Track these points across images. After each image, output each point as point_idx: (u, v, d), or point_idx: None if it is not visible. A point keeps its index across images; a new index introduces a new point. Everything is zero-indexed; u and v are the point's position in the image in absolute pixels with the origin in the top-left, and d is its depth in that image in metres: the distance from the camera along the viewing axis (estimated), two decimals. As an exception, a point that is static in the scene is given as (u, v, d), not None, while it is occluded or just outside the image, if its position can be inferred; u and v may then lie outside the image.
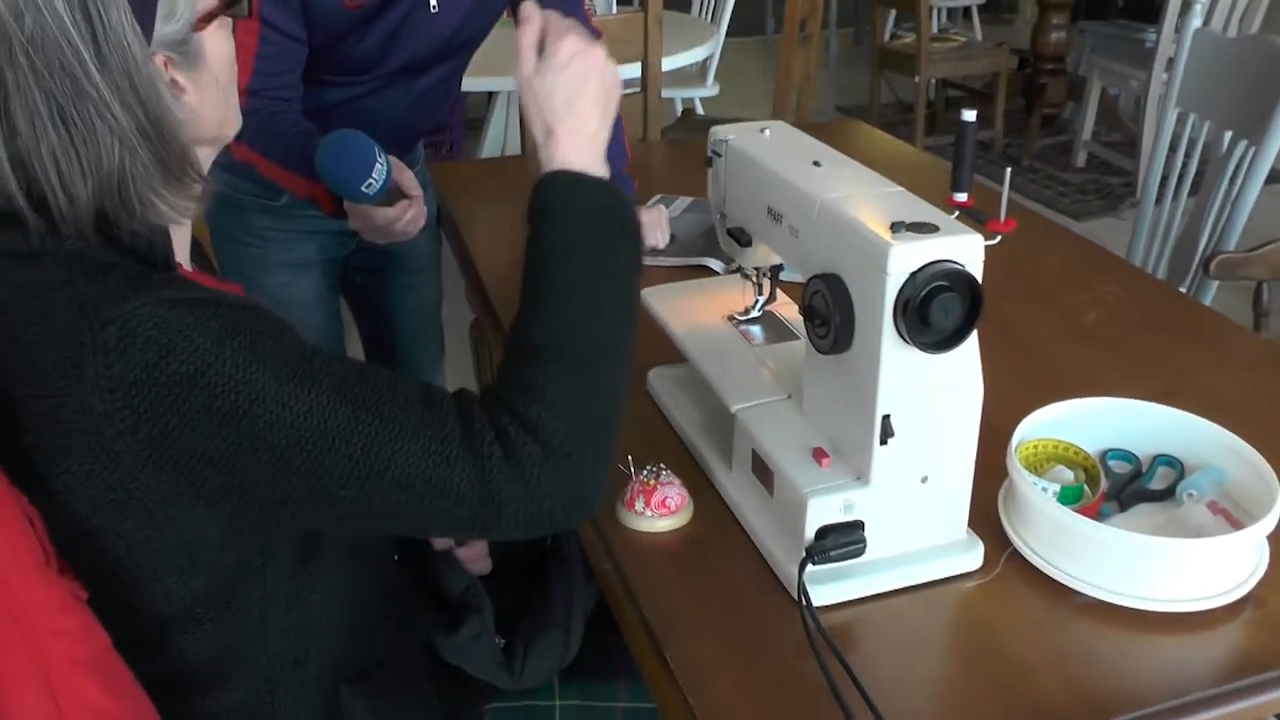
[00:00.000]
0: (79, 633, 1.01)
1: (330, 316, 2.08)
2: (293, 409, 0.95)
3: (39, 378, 0.97)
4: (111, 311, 0.95)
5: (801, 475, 1.11)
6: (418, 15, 1.76)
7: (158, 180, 1.02)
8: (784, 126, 1.34)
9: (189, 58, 1.05)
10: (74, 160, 0.97)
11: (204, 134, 1.10)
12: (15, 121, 0.95)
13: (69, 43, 0.94)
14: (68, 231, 0.99)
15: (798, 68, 3.62)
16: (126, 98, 0.97)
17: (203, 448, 0.95)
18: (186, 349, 0.94)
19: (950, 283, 1.01)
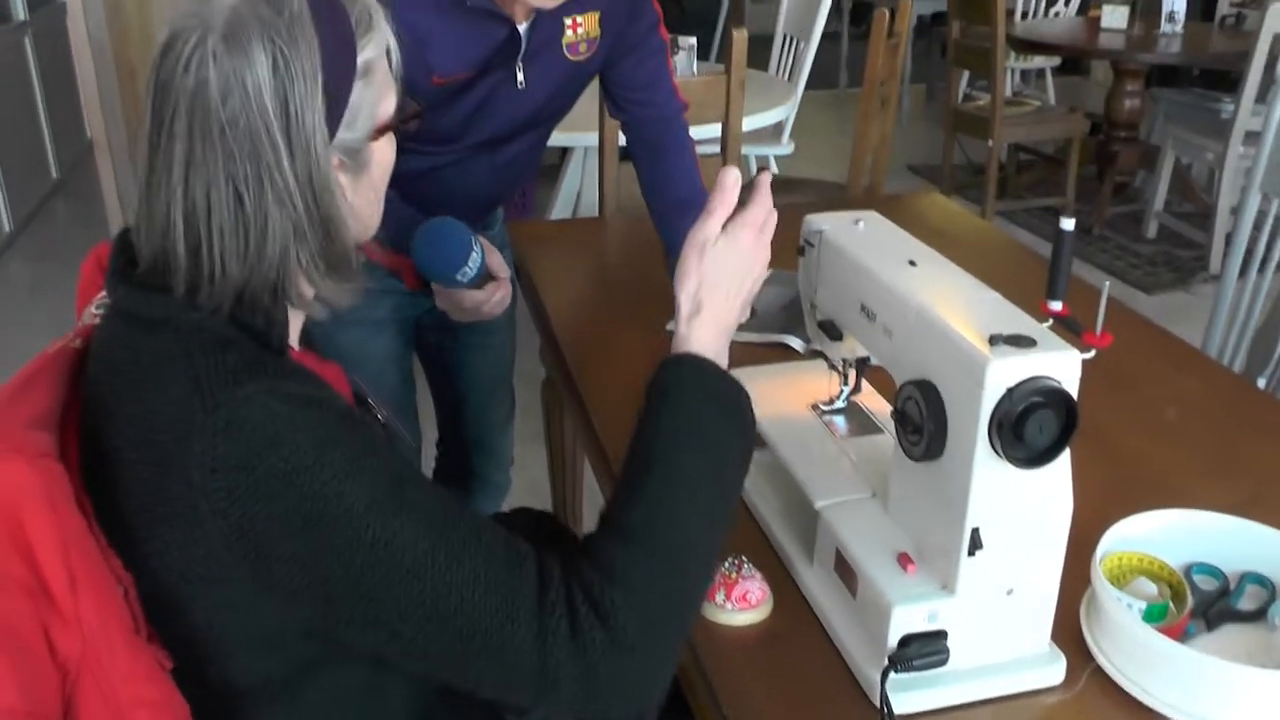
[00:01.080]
0: (160, 702, 1.03)
1: (404, 375, 2.09)
2: (375, 532, 0.96)
3: (147, 443, 1.00)
4: (224, 394, 0.97)
5: (886, 581, 1.10)
6: (504, 91, 1.79)
7: (318, 271, 1.07)
8: (877, 218, 1.34)
9: (358, 164, 1.11)
10: (239, 238, 1.02)
11: (353, 234, 1.14)
12: (193, 188, 1.00)
13: (266, 131, 0.99)
14: (204, 302, 1.03)
15: (874, 131, 3.62)
16: (305, 191, 1.02)
17: (282, 546, 0.96)
18: (289, 446, 0.97)
19: (1046, 400, 1.00)
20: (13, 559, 0.96)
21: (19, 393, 1.06)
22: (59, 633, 0.98)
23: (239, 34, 0.98)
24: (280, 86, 0.99)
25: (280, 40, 0.99)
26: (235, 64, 0.98)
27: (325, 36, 1.03)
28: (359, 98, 1.07)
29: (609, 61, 1.91)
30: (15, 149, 5.26)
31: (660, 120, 2.01)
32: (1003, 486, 1.04)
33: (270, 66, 0.98)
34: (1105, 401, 1.69)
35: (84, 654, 0.98)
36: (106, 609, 1.00)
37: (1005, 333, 1.03)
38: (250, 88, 0.98)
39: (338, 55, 1.04)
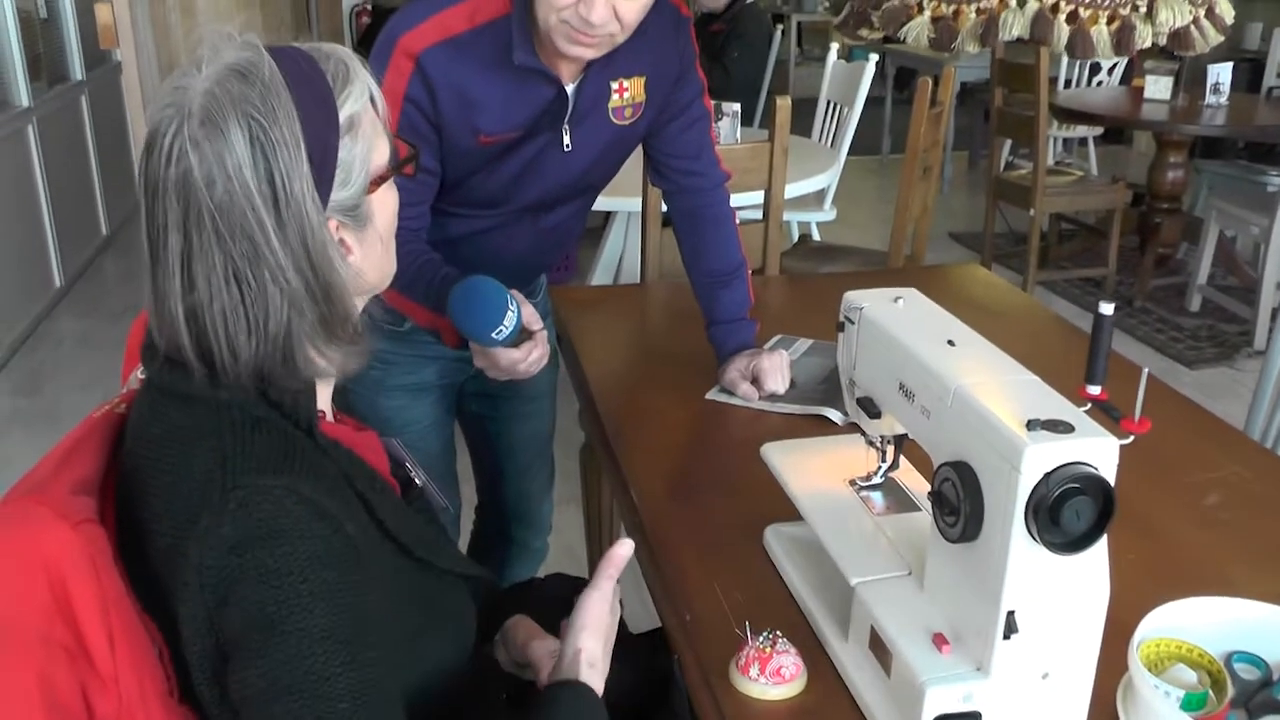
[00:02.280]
0: None
1: (445, 441, 2.11)
2: (315, 664, 0.97)
3: (167, 514, 1.02)
4: (246, 479, 0.99)
5: (921, 661, 1.10)
6: (551, 154, 1.81)
7: (321, 340, 1.07)
8: (917, 296, 1.35)
9: (359, 220, 1.11)
10: (242, 318, 1.02)
11: (364, 288, 1.15)
12: (195, 278, 1.01)
13: (253, 209, 0.99)
14: (227, 383, 1.04)
15: (916, 199, 3.64)
16: (300, 262, 1.02)
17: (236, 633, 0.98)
18: (285, 548, 0.98)
19: (1083, 486, 1.00)
20: (56, 622, 0.98)
21: (66, 458, 1.08)
22: (97, 694, 1.00)
23: (214, 116, 0.99)
24: (262, 160, 0.99)
25: (255, 113, 0.99)
26: (215, 147, 0.99)
27: (302, 99, 1.03)
28: (348, 154, 1.07)
29: (653, 128, 1.94)
30: (69, 205, 5.38)
31: (702, 190, 2.03)
32: (1039, 571, 1.04)
33: (248, 142, 0.99)
34: (1144, 484, 1.68)
35: (120, 714, 1.00)
36: (142, 669, 1.02)
37: (1043, 417, 1.03)
38: (231, 168, 0.98)
39: (317, 116, 1.04)
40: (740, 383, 1.91)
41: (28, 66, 4.98)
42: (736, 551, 1.48)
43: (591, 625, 1.21)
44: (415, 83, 1.67)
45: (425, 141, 1.71)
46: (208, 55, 1.03)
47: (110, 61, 5.88)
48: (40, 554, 0.98)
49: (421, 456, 2.06)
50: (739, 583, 1.42)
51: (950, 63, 5.94)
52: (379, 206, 1.14)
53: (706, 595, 1.39)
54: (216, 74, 1.01)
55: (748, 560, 1.47)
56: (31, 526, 0.99)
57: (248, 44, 1.05)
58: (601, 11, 1.56)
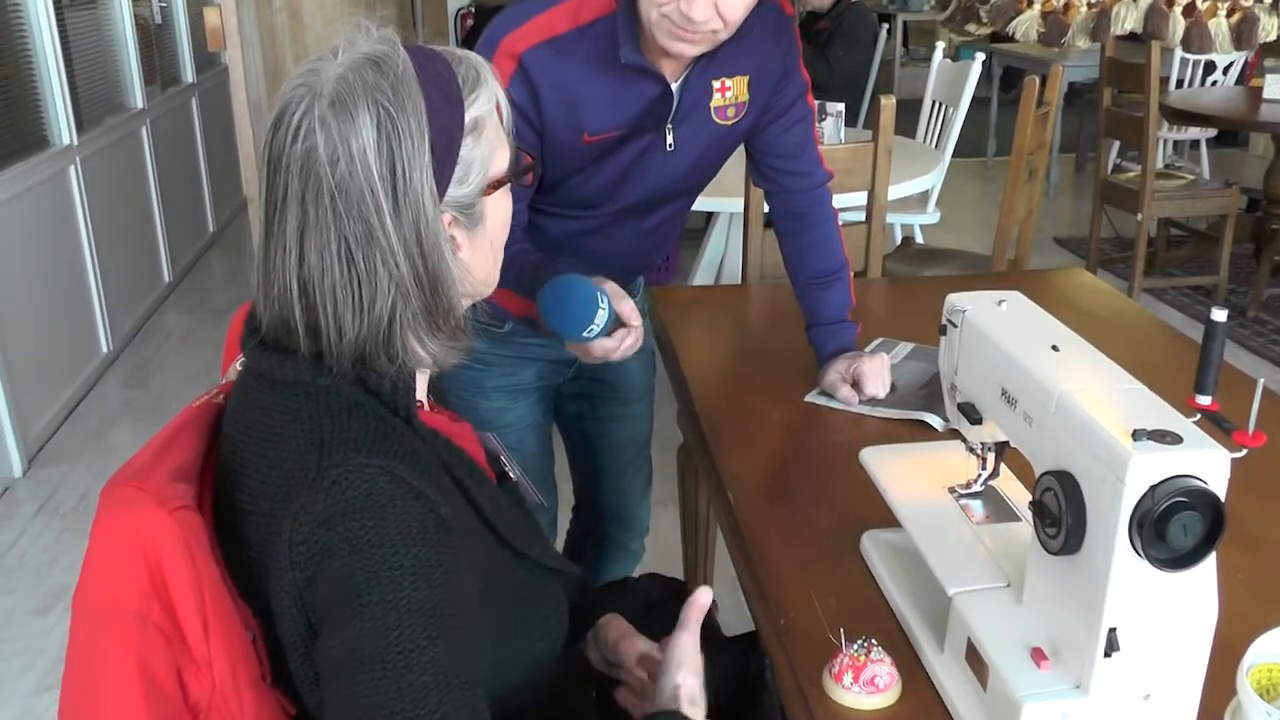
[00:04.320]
0: None
1: (542, 442, 2.12)
2: (400, 636, 0.97)
3: (264, 495, 1.05)
4: (341, 457, 1.01)
5: (1018, 676, 1.08)
6: (653, 154, 1.81)
7: (423, 329, 1.09)
8: (1020, 299, 1.33)
9: (472, 219, 1.13)
10: (351, 297, 1.05)
11: (470, 289, 1.16)
12: (307, 252, 1.04)
13: (371, 191, 1.02)
14: (329, 364, 1.06)
15: (1021, 203, 3.58)
16: (411, 249, 1.04)
17: (325, 605, 0.99)
18: (377, 521, 0.99)
19: (1191, 500, 0.97)
20: (153, 604, 1.00)
21: (165, 446, 1.11)
22: (191, 676, 1.02)
23: (345, 99, 1.02)
24: (386, 146, 1.02)
25: (385, 101, 1.02)
26: (342, 128, 1.01)
27: (431, 96, 1.05)
28: (470, 154, 1.10)
29: (755, 128, 1.93)
30: (179, 204, 5.54)
31: (804, 191, 2.01)
32: (1142, 587, 1.01)
33: (375, 127, 1.02)
34: (1256, 500, 1.62)
35: (213, 697, 1.02)
36: (235, 654, 1.04)
37: (1150, 427, 1.01)
38: (356, 150, 1.01)
39: (444, 113, 1.07)
40: (840, 386, 1.89)
41: (143, 70, 5.12)
42: (833, 557, 1.47)
43: (688, 663, 1.22)
44: (517, 83, 1.68)
45: (525, 141, 1.72)
46: (344, 45, 1.07)
47: (219, 64, 6.03)
48: (139, 538, 1.01)
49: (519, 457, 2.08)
50: (834, 588, 1.41)
51: (1058, 61, 5.84)
52: (493, 210, 1.16)
53: (801, 600, 1.37)
54: (351, 61, 1.05)
55: (844, 566, 1.45)
56: (132, 511, 1.02)
57: (385, 38, 1.08)
58: (702, 9, 1.56)
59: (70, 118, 4.21)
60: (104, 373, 4.41)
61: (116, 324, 4.58)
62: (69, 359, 4.17)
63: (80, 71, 4.46)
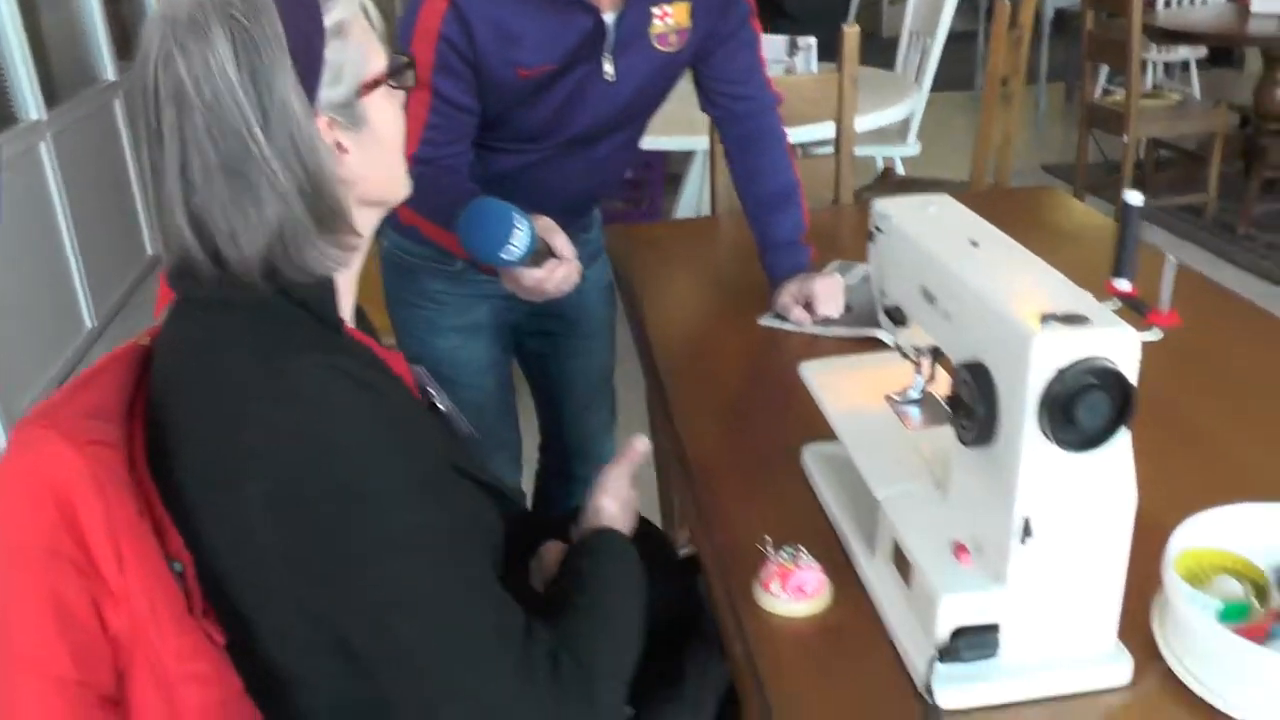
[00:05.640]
0: (210, 677, 1.07)
1: (501, 380, 2.11)
2: (396, 517, 1.01)
3: (207, 409, 1.05)
4: (288, 362, 1.02)
5: (938, 571, 1.07)
6: (593, 85, 1.78)
7: (313, 233, 1.09)
8: (949, 202, 1.30)
9: (354, 121, 1.12)
10: (241, 213, 1.05)
11: (369, 195, 1.17)
12: (193, 177, 1.04)
13: (239, 107, 1.02)
14: (240, 281, 1.06)
15: (998, 128, 3.54)
16: (288, 157, 1.05)
17: (309, 511, 0.99)
18: (342, 419, 1.01)
19: (1100, 381, 0.96)
20: (63, 537, 1.00)
21: (80, 387, 1.11)
22: (110, 609, 1.02)
23: (198, 20, 1.02)
24: (245, 59, 1.02)
25: (237, 14, 1.03)
26: (200, 49, 1.02)
27: (285, 3, 1.06)
28: (337, 56, 1.09)
29: (700, 54, 1.90)
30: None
31: (753, 115, 1.99)
32: (1055, 473, 1.00)
33: (231, 42, 1.02)
34: (1198, 391, 1.62)
35: (133, 630, 1.02)
36: (155, 589, 1.04)
37: (1060, 312, 0.99)
38: (216, 68, 1.02)
39: (301, 19, 1.07)
40: (793, 307, 1.87)
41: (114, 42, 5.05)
42: (776, 474, 1.46)
43: (609, 488, 1.32)
44: (450, 21, 1.66)
45: (462, 80, 1.71)
46: None
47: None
48: (47, 475, 1.01)
49: (478, 395, 2.08)
50: (776, 504, 1.40)
51: (1041, -13, 5.75)
52: (376, 112, 1.15)
53: (740, 517, 1.36)
54: None
55: (786, 482, 1.44)
56: (39, 449, 1.02)
57: None
58: None
59: (38, 92, 4.17)
60: (89, 349, 4.40)
61: (99, 299, 4.56)
62: (52, 335, 4.16)
63: (48, 45, 4.41)
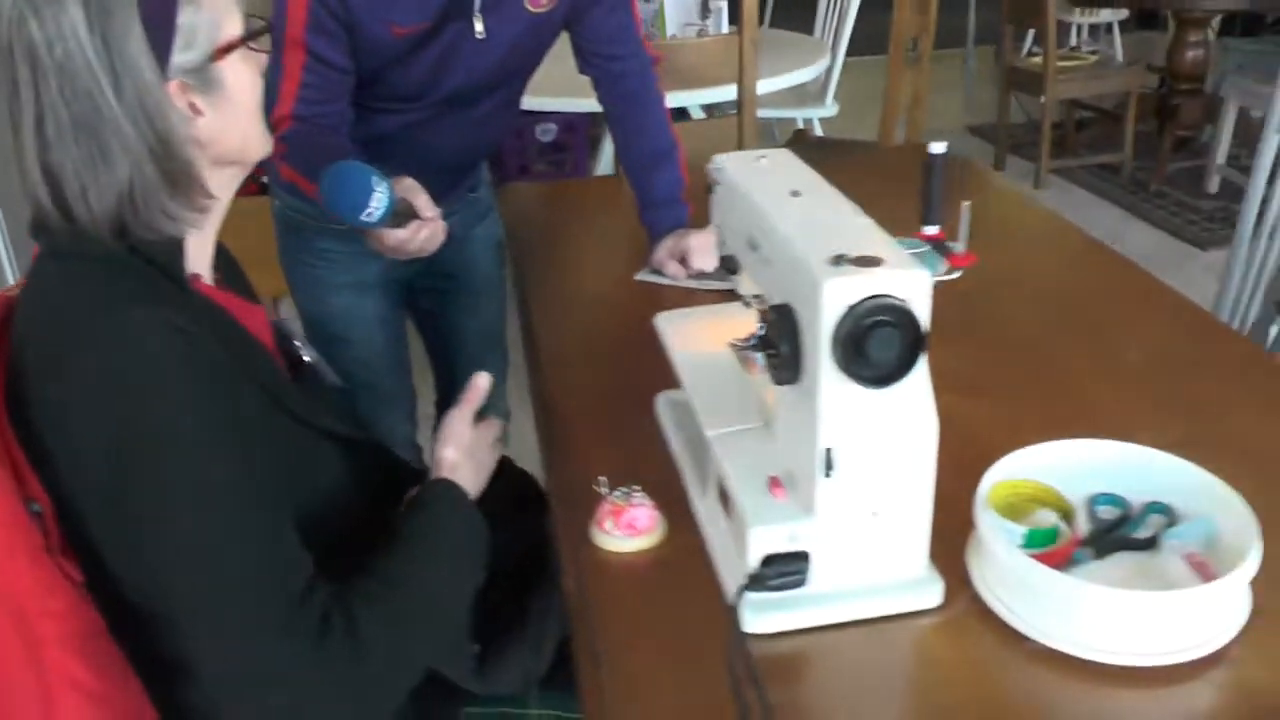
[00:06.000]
0: (67, 613, 1.10)
1: (394, 336, 2.14)
2: (198, 470, 1.04)
3: (50, 357, 1.08)
4: (120, 313, 1.06)
5: (751, 503, 1.12)
6: (464, 43, 1.80)
7: (164, 193, 1.12)
8: (785, 156, 1.35)
9: (208, 84, 1.16)
10: (92, 172, 1.09)
11: (225, 155, 1.20)
12: (48, 134, 1.07)
13: (89, 69, 1.05)
14: (90, 237, 1.10)
15: (905, 89, 3.59)
16: (138, 119, 1.08)
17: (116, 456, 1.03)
18: (155, 365, 1.04)
19: (892, 318, 1.01)
20: None
21: None
22: None
23: None
24: (97, 23, 1.05)
25: None
26: (53, 11, 1.05)
27: None
28: (190, 20, 1.12)
29: (574, 14, 1.93)
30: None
31: (629, 75, 2.02)
32: (854, 407, 1.05)
33: (83, 6, 1.05)
34: (1067, 343, 1.69)
35: None
36: (10, 527, 1.07)
37: (856, 254, 1.03)
38: (67, 30, 1.04)
39: None
40: (668, 262, 1.92)
41: None
42: (632, 419, 1.50)
43: (451, 438, 1.34)
44: None
45: (335, 39, 1.72)
46: None
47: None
48: None
49: (371, 351, 2.11)
50: (628, 448, 1.44)
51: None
52: (231, 75, 1.18)
53: (590, 460, 1.41)
54: None
55: (640, 427, 1.48)
56: None
57: None
58: None
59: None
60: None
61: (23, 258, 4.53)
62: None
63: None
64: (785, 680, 1.07)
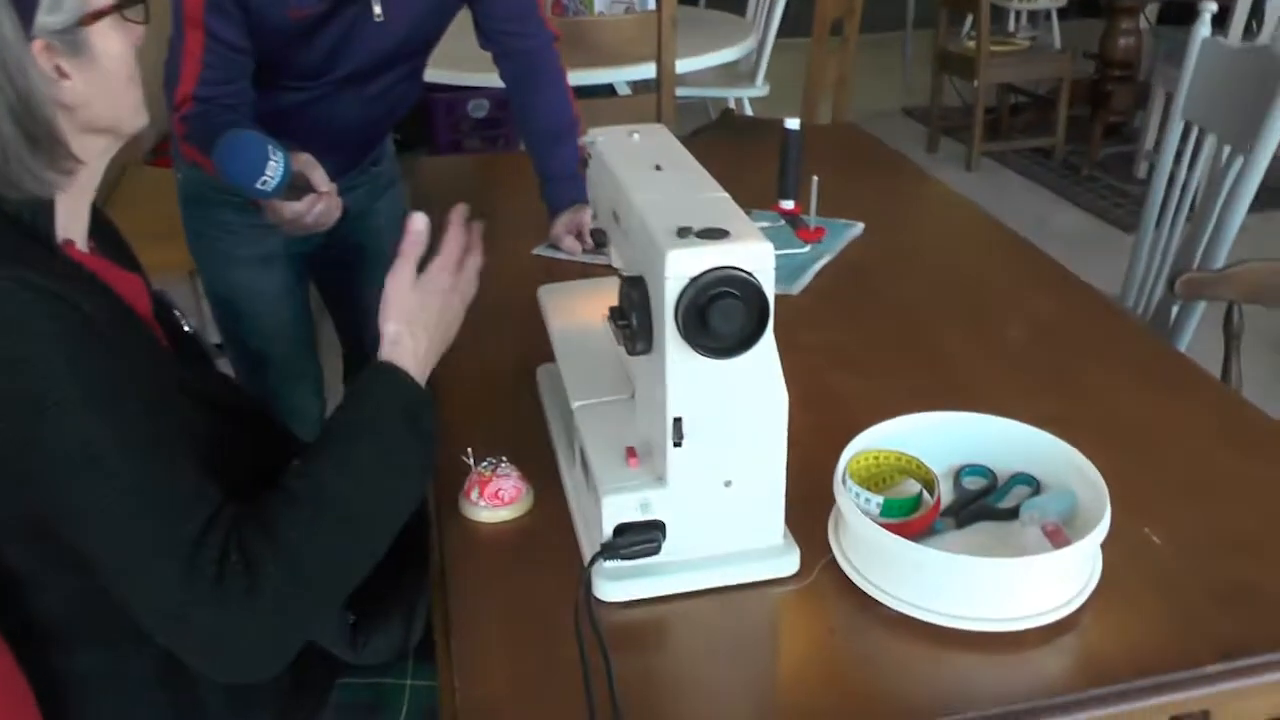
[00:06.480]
0: None
1: (298, 309, 2.14)
2: (82, 431, 1.02)
3: None
4: None
5: (607, 473, 1.13)
6: (362, 25, 1.80)
7: (26, 153, 1.11)
8: (659, 130, 1.36)
9: (75, 48, 1.14)
10: None
11: (95, 122, 1.18)
12: None
13: None
14: None
15: (831, 70, 3.61)
16: None
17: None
18: (21, 331, 1.02)
19: (736, 289, 1.01)
20: None
21: None
22: None
23: None
24: None
25: None
26: None
27: None
28: None
29: None
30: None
31: (530, 52, 2.03)
32: (701, 378, 1.06)
33: None
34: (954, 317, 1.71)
35: None
36: None
37: (703, 227, 1.04)
38: None
39: None
40: (564, 237, 1.92)
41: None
42: (513, 392, 1.51)
43: (389, 308, 1.24)
44: None
45: (232, 20, 1.72)
46: None
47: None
48: None
49: (275, 325, 2.10)
50: (506, 420, 1.45)
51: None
52: (101, 41, 1.16)
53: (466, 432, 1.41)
54: None
55: (520, 399, 1.49)
56: None
57: None
58: None
59: None
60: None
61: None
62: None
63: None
64: (637, 648, 1.09)
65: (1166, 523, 1.24)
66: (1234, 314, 2.05)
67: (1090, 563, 1.15)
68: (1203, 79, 2.47)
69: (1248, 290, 2.04)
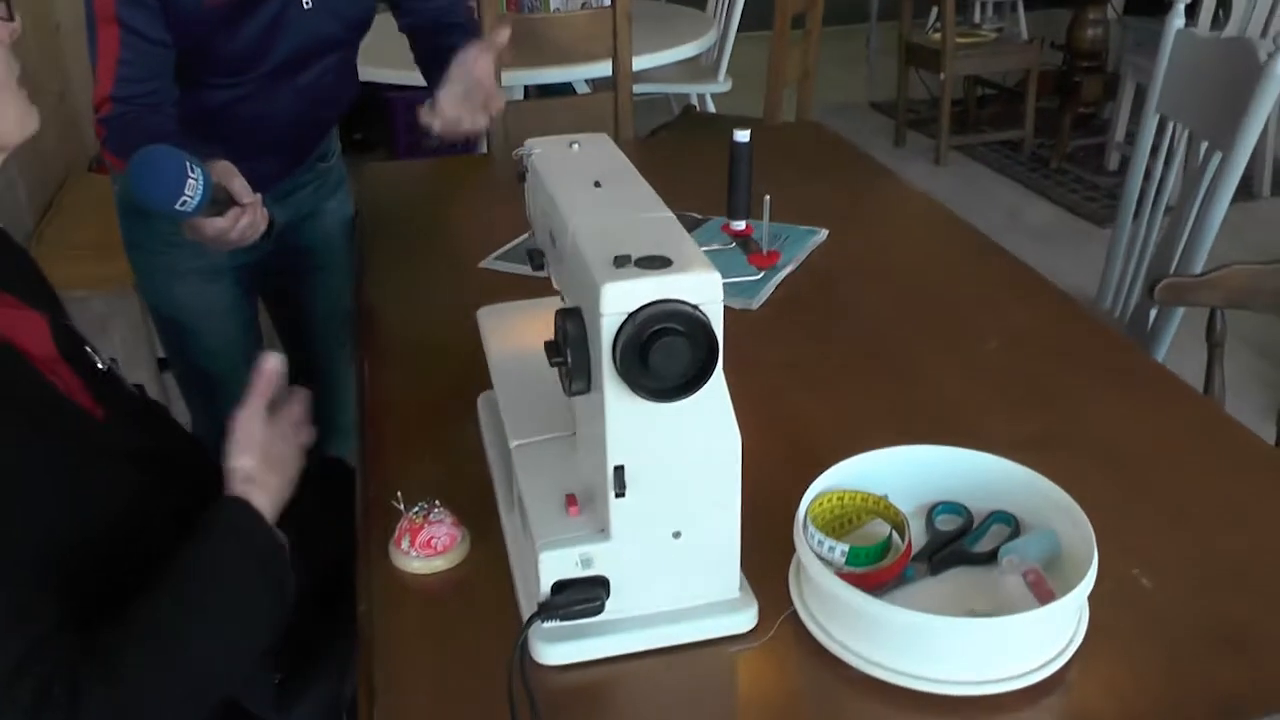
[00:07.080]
0: None
1: (244, 323, 2.05)
2: None
3: None
4: None
5: (544, 524, 1.02)
6: (291, 12, 1.73)
7: None
8: (600, 140, 1.25)
9: None
10: None
11: None
12: None
13: None
14: None
15: (793, 64, 3.51)
16: None
17: None
18: None
19: (680, 325, 0.91)
20: None
21: None
22: None
23: None
24: None
25: None
26: None
27: None
28: None
29: None
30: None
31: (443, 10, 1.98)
32: (645, 422, 0.95)
33: None
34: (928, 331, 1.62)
35: None
36: None
37: (643, 254, 0.94)
38: None
39: None
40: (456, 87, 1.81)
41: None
42: (452, 422, 1.40)
43: (241, 442, 1.19)
44: None
45: (148, 11, 1.62)
46: None
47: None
48: None
49: (222, 342, 2.01)
50: (444, 455, 1.35)
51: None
52: None
53: (401, 468, 1.31)
54: None
55: (459, 431, 1.38)
56: None
57: None
58: None
59: None
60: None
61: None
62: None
63: None
64: (580, 715, 0.98)
65: (1154, 558, 1.15)
66: (1217, 320, 1.96)
67: (1076, 614, 1.05)
68: (1176, 72, 2.37)
69: (1231, 295, 1.95)
